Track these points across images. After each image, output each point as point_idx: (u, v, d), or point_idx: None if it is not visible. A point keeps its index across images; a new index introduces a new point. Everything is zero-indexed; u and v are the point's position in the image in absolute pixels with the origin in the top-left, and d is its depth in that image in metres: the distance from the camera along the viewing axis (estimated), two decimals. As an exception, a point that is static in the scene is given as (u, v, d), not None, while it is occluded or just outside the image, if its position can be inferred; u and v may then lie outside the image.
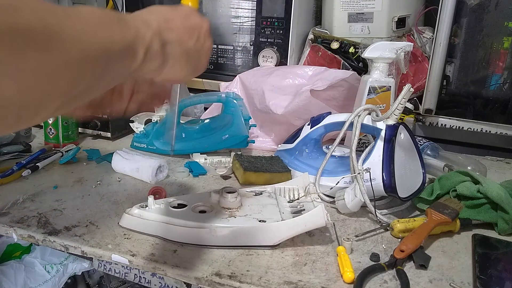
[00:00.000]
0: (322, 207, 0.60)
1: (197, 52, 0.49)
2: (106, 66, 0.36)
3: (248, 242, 0.60)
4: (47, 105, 0.31)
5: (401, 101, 0.70)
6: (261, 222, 0.60)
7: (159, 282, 0.76)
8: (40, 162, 0.86)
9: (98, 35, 0.35)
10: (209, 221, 0.60)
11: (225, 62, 1.20)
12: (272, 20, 1.11)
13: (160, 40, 0.43)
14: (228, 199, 0.63)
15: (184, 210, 0.63)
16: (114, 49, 0.37)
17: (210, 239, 0.60)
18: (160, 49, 0.43)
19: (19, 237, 0.63)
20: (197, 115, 1.20)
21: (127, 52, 0.39)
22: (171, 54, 0.45)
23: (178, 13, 0.47)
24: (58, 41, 0.30)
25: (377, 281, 0.54)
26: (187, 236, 0.60)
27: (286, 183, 0.75)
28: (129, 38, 0.39)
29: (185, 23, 0.47)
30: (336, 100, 1.01)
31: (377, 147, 0.72)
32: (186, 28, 0.47)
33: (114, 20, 0.38)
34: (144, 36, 0.40)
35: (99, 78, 0.36)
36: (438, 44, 0.97)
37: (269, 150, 1.02)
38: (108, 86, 0.40)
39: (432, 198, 0.72)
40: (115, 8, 1.30)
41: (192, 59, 0.48)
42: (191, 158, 0.94)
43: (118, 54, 0.37)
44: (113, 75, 0.38)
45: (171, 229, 0.61)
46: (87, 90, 0.35)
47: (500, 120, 0.98)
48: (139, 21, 0.41)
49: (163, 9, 0.47)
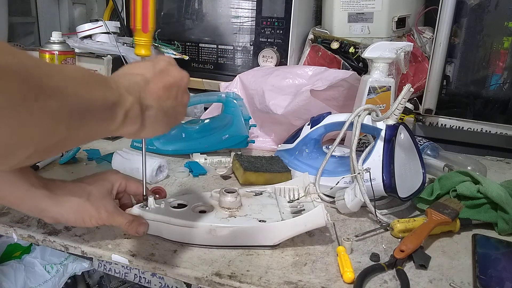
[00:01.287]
0: (322, 207, 0.60)
1: (175, 109, 0.50)
2: (83, 123, 0.36)
3: (248, 242, 0.60)
4: (18, 152, 0.31)
5: (401, 101, 0.70)
6: (261, 222, 0.60)
7: (159, 282, 0.76)
8: (40, 162, 0.85)
9: (80, 92, 0.35)
10: (209, 221, 0.60)
11: (225, 62, 1.20)
12: (272, 20, 1.11)
13: (140, 105, 0.44)
14: (228, 199, 0.63)
15: (184, 210, 0.63)
16: (93, 108, 0.37)
17: (210, 239, 0.59)
18: (139, 113, 0.44)
19: (19, 237, 0.63)
20: (197, 115, 1.20)
21: (106, 113, 0.40)
22: (150, 117, 0.46)
23: (158, 71, 0.48)
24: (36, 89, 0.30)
25: (377, 281, 0.54)
26: (187, 236, 0.60)
27: (286, 183, 0.75)
28: (110, 101, 0.40)
29: (165, 82, 0.48)
30: (336, 100, 1.01)
31: (377, 147, 0.72)
32: (166, 87, 0.48)
33: (97, 81, 0.39)
34: (125, 101, 0.42)
35: (75, 133, 0.36)
36: (438, 44, 0.97)
37: (269, 150, 1.02)
38: (84, 142, 0.40)
39: (432, 198, 0.72)
40: (115, 8, 1.30)
41: (170, 116, 0.50)
42: (191, 158, 0.94)
43: (97, 114, 0.38)
44: (90, 132, 0.39)
45: (171, 229, 0.60)
46: (61, 143, 0.35)
47: (500, 120, 0.98)
48: (121, 86, 0.42)
49: (143, 67, 0.48)
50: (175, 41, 1.21)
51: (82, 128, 0.36)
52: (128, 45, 1.05)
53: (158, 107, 0.47)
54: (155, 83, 0.47)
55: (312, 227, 0.61)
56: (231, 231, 0.59)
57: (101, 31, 1.08)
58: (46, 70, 0.32)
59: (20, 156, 0.32)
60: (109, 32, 1.08)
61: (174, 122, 0.51)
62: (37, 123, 0.31)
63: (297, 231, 0.61)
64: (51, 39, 0.91)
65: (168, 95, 0.48)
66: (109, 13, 1.41)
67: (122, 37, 1.19)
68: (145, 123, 0.46)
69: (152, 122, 0.47)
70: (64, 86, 0.33)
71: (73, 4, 1.54)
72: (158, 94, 0.47)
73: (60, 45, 0.91)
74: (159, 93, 0.47)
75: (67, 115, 0.34)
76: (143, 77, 0.46)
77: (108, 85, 0.40)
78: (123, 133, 0.44)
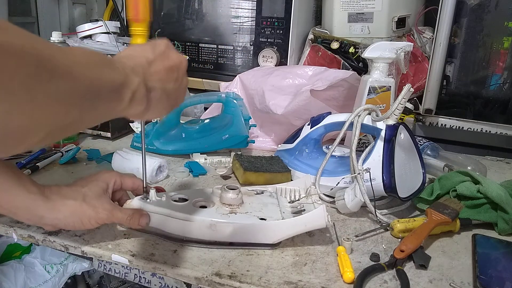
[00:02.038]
0: (323, 208, 0.60)
1: (176, 91, 0.51)
2: (93, 105, 0.36)
3: (248, 239, 0.60)
4: (33, 134, 0.31)
5: (401, 101, 0.70)
6: (261, 220, 0.60)
7: (159, 282, 0.76)
8: (40, 162, 0.85)
9: (88, 74, 0.35)
10: (209, 216, 0.60)
11: (225, 62, 1.20)
12: (272, 20, 1.11)
13: (145, 86, 0.44)
14: (229, 195, 0.63)
15: (185, 204, 0.63)
16: (102, 89, 0.37)
17: (210, 234, 0.59)
18: (145, 95, 0.44)
19: (19, 237, 0.63)
20: (197, 115, 1.20)
21: (114, 95, 0.40)
22: (154, 99, 0.47)
23: (158, 52, 0.49)
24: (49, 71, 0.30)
25: (377, 281, 0.54)
26: (187, 229, 0.60)
27: (288, 184, 0.75)
28: (117, 82, 0.40)
29: (165, 64, 0.49)
30: (336, 100, 1.01)
31: (377, 147, 0.72)
32: (167, 69, 0.49)
33: (103, 63, 0.39)
34: (132, 82, 0.42)
35: (86, 115, 0.36)
36: (438, 44, 0.97)
37: (269, 150, 1.02)
38: (93, 124, 0.40)
39: (432, 198, 0.72)
40: (115, 8, 1.30)
41: (172, 98, 0.50)
42: (191, 158, 0.94)
43: (106, 95, 0.38)
44: (99, 114, 0.39)
45: (171, 222, 0.60)
46: (73, 125, 0.36)
47: (500, 120, 0.98)
48: (127, 67, 0.42)
49: (144, 50, 0.48)
50: (175, 41, 1.22)
51: (92, 109, 0.37)
52: (128, 45, 1.05)
53: (162, 89, 0.47)
54: (157, 65, 0.47)
55: (312, 228, 0.61)
56: (231, 227, 0.59)
57: (101, 31, 1.08)
58: (56, 53, 0.32)
59: (34, 139, 0.32)
60: (109, 32, 1.08)
61: (175, 104, 0.52)
62: (50, 105, 0.31)
63: (297, 231, 0.60)
64: (51, 39, 0.91)
65: (170, 77, 0.49)
66: (109, 13, 1.41)
67: (122, 37, 1.19)
68: (150, 104, 0.46)
69: (156, 104, 0.47)
70: (74, 68, 0.33)
71: (73, 4, 1.54)
72: (161, 76, 0.47)
73: (60, 45, 0.91)
74: (161, 75, 0.47)
75: (79, 97, 0.34)
76: (146, 59, 0.46)
77: (114, 66, 0.40)
78: (129, 114, 0.44)
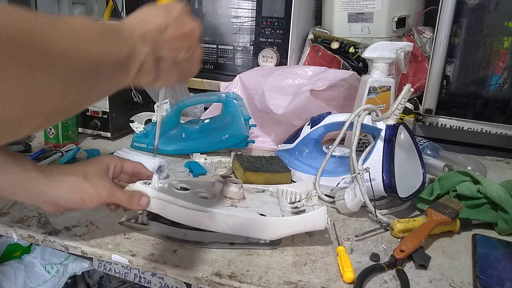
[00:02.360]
0: (324, 209, 0.60)
1: (188, 61, 0.49)
2: (95, 82, 0.35)
3: (247, 233, 0.59)
4: (32, 119, 0.30)
5: (401, 101, 0.70)
6: (261, 216, 0.60)
7: (159, 282, 0.76)
8: (40, 162, 0.85)
9: (88, 51, 0.33)
10: (210, 206, 0.59)
11: (225, 62, 1.20)
12: (272, 20, 1.11)
13: (155, 56, 0.43)
14: (231, 188, 0.63)
15: (187, 193, 0.63)
16: (106, 65, 0.36)
17: (209, 224, 0.59)
18: (154, 65, 0.43)
19: (19, 237, 0.63)
20: (197, 115, 1.20)
21: (119, 68, 0.38)
22: (163, 68, 0.45)
23: (172, 18, 0.46)
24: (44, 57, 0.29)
25: (377, 281, 0.54)
26: (186, 217, 0.59)
27: (289, 186, 0.75)
28: (123, 55, 0.38)
29: (179, 31, 0.46)
30: (336, 100, 1.01)
31: (377, 147, 0.72)
32: (179, 37, 0.46)
33: (107, 35, 0.37)
34: (139, 52, 0.40)
35: (87, 94, 0.35)
36: (438, 44, 0.97)
37: (269, 150, 1.02)
38: (96, 101, 0.39)
39: (432, 198, 0.72)
40: (115, 7, 1.30)
41: (183, 68, 0.48)
42: (191, 158, 0.94)
43: (110, 70, 0.37)
44: (102, 90, 0.38)
45: (171, 208, 0.59)
46: (73, 106, 0.34)
47: (500, 120, 0.98)
48: (136, 36, 0.40)
49: (158, 13, 0.46)
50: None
51: (94, 88, 0.35)
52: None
53: (172, 58, 0.46)
54: (169, 32, 0.45)
55: (311, 229, 0.61)
56: (231, 219, 0.59)
57: (101, 31, 1.08)
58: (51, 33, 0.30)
59: (32, 124, 0.31)
60: (109, 32, 1.08)
61: (188, 74, 0.50)
62: (48, 90, 0.30)
63: (296, 230, 0.60)
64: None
65: (182, 45, 0.47)
66: (109, 13, 1.41)
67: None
68: (160, 74, 0.44)
69: (166, 74, 0.46)
70: (72, 48, 0.31)
71: (73, 4, 1.54)
72: (171, 44, 0.45)
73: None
74: (173, 43, 0.45)
75: (78, 77, 0.32)
76: (158, 25, 0.44)
77: (120, 34, 0.39)
78: (137, 83, 0.43)
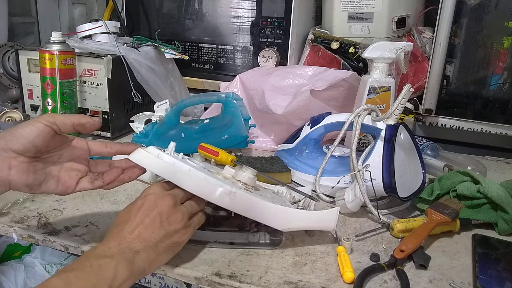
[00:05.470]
0: (337, 210, 0.60)
1: (168, 239, 0.52)
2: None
3: (258, 217, 0.56)
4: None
5: (401, 101, 0.70)
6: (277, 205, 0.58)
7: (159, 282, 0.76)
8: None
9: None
10: (225, 183, 0.56)
11: (225, 62, 1.20)
12: (272, 20, 1.11)
13: (131, 266, 0.48)
14: (245, 173, 0.61)
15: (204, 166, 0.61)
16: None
17: (229, 202, 0.55)
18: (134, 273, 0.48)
19: (19, 237, 0.63)
20: (197, 115, 1.20)
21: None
22: (143, 261, 0.49)
23: (143, 210, 0.52)
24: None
25: (377, 281, 0.54)
26: (198, 189, 0.55)
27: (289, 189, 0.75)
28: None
29: (147, 220, 0.51)
30: (336, 100, 1.01)
31: (377, 147, 0.72)
32: (149, 223, 0.51)
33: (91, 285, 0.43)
34: (120, 277, 0.46)
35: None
36: (438, 44, 0.97)
37: (269, 150, 1.02)
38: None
39: (432, 198, 0.72)
40: (115, 8, 1.30)
41: (166, 248, 0.52)
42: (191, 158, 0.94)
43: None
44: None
45: (184, 176, 0.55)
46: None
47: (500, 120, 0.98)
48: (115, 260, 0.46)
49: (127, 215, 0.52)
50: (175, 41, 1.21)
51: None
52: (128, 45, 1.05)
53: (146, 248, 0.50)
54: (139, 226, 0.50)
55: (321, 227, 0.61)
56: (250, 199, 0.56)
57: (101, 31, 1.08)
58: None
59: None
60: (109, 32, 1.08)
61: (177, 247, 0.53)
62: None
63: (307, 225, 0.60)
64: (51, 39, 0.91)
65: (152, 228, 0.51)
66: (109, 13, 1.41)
67: (122, 37, 1.19)
68: (144, 269, 0.49)
69: (150, 264, 0.50)
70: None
71: (73, 4, 1.54)
72: (143, 236, 0.50)
73: (60, 45, 0.91)
74: (144, 234, 0.50)
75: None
76: (128, 228, 0.50)
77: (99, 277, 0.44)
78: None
